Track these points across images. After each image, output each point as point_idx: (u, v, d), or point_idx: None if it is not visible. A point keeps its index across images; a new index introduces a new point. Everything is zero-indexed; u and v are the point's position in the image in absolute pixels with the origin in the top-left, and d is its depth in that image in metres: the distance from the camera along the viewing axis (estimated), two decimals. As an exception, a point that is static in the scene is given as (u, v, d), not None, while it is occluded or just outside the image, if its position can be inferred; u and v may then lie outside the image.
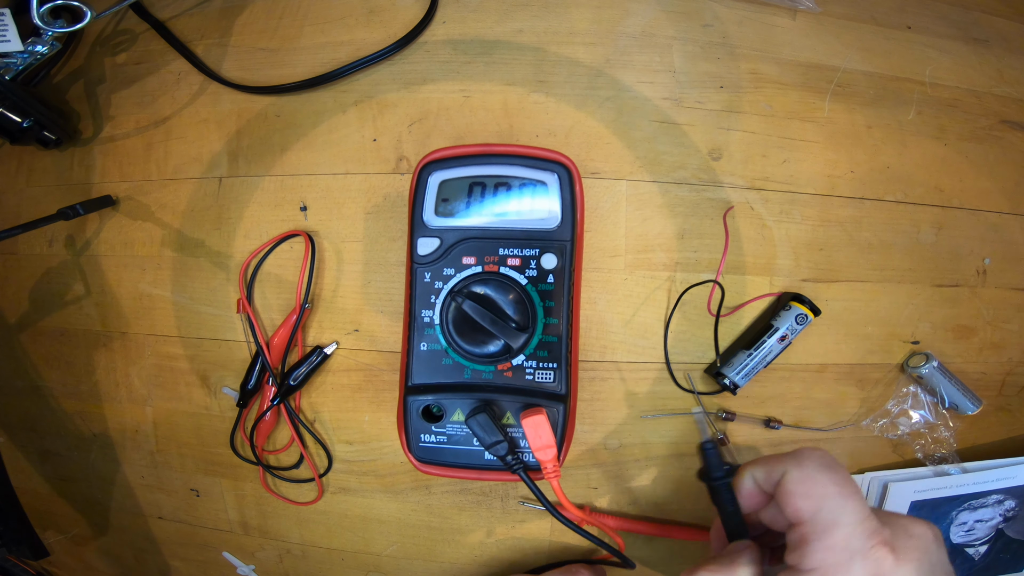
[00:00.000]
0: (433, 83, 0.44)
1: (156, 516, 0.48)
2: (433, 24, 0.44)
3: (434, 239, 0.37)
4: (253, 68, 0.45)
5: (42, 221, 0.42)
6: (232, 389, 0.44)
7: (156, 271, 0.46)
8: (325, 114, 0.44)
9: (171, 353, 0.46)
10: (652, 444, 0.43)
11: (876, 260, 0.44)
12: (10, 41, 0.42)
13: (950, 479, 0.43)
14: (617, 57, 0.43)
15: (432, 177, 0.37)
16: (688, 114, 0.43)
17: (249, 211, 0.45)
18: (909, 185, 0.44)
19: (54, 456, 0.49)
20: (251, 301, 0.44)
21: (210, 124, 0.46)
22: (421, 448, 0.37)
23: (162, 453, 0.46)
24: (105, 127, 0.47)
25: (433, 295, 0.37)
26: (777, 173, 0.43)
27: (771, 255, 0.43)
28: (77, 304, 0.47)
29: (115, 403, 0.47)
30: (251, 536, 0.46)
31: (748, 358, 0.40)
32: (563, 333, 0.36)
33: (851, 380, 0.43)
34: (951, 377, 0.43)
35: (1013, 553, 0.45)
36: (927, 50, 0.46)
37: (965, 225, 0.45)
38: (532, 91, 0.43)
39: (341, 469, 0.44)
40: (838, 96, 0.44)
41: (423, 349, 0.37)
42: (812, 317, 0.41)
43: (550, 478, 0.35)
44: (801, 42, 0.45)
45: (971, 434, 0.45)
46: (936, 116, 0.45)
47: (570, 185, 0.36)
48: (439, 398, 0.36)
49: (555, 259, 0.36)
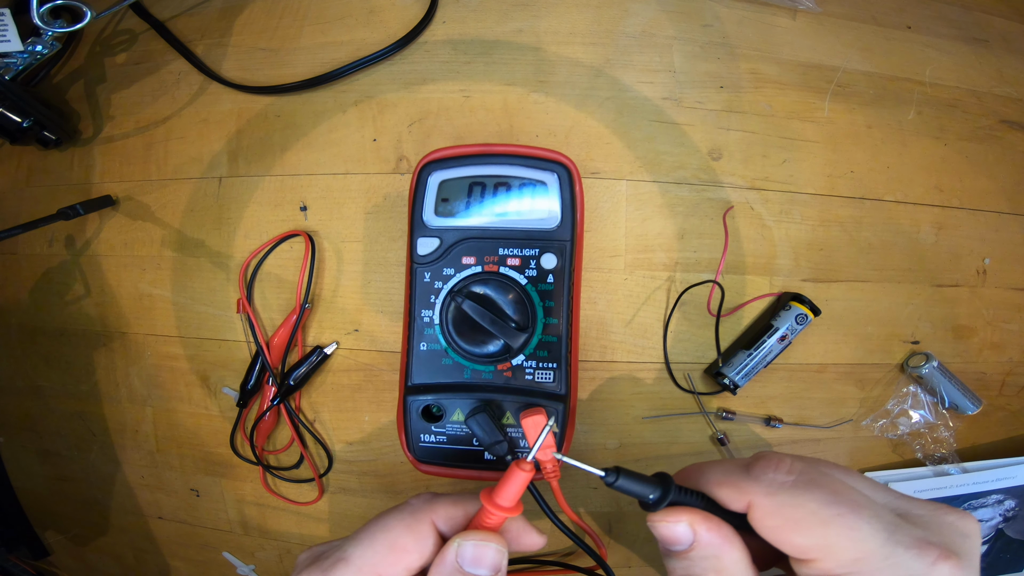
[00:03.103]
0: (433, 83, 0.44)
1: (156, 516, 0.48)
2: (433, 24, 0.44)
3: (434, 239, 0.37)
4: (253, 68, 0.45)
5: (42, 221, 0.42)
6: (232, 389, 0.44)
7: (156, 271, 0.46)
8: (325, 114, 0.44)
9: (171, 353, 0.46)
10: (652, 444, 0.43)
11: (876, 260, 0.44)
12: (10, 41, 0.42)
13: (950, 479, 0.43)
14: (617, 57, 0.43)
15: (432, 177, 0.37)
16: (688, 114, 0.43)
17: (249, 211, 0.45)
18: (909, 185, 0.44)
19: (54, 456, 0.49)
20: (251, 301, 0.44)
21: (210, 124, 0.46)
22: (421, 448, 0.37)
23: (162, 453, 0.46)
24: (105, 127, 0.47)
25: (433, 295, 0.37)
26: (777, 173, 0.43)
27: (771, 255, 0.43)
28: (77, 304, 0.47)
29: (115, 403, 0.47)
30: (251, 536, 0.46)
31: (748, 358, 0.40)
32: (563, 333, 0.36)
33: (851, 380, 0.43)
34: (951, 377, 0.43)
35: (1013, 553, 0.45)
36: (927, 50, 0.46)
37: (965, 225, 0.45)
38: (532, 91, 0.43)
39: (341, 469, 0.44)
40: (838, 96, 0.44)
41: (423, 349, 0.37)
42: (812, 317, 0.41)
43: (550, 478, 0.35)
44: (801, 42, 0.45)
45: (971, 434, 0.45)
46: (936, 116, 0.45)
47: (570, 185, 0.36)
48: (439, 398, 0.36)
49: (555, 259, 0.36)
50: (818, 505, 0.22)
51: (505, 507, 0.25)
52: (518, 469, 0.25)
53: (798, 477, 0.23)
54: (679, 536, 0.24)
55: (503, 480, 0.25)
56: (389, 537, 0.25)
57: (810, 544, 0.22)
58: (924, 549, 0.21)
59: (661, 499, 0.24)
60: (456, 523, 0.26)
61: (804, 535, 0.22)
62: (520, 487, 0.25)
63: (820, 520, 0.22)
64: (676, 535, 0.24)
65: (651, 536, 0.25)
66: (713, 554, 0.23)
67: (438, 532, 0.26)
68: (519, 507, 0.26)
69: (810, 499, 0.22)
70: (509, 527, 0.27)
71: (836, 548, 0.22)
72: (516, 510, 0.26)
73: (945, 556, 0.21)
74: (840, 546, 0.22)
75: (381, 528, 0.25)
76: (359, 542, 0.25)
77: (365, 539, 0.25)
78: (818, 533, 0.22)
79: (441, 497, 0.27)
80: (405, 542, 0.25)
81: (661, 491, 0.24)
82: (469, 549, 0.24)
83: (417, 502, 0.27)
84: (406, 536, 0.25)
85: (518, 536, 0.28)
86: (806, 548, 0.22)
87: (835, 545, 0.22)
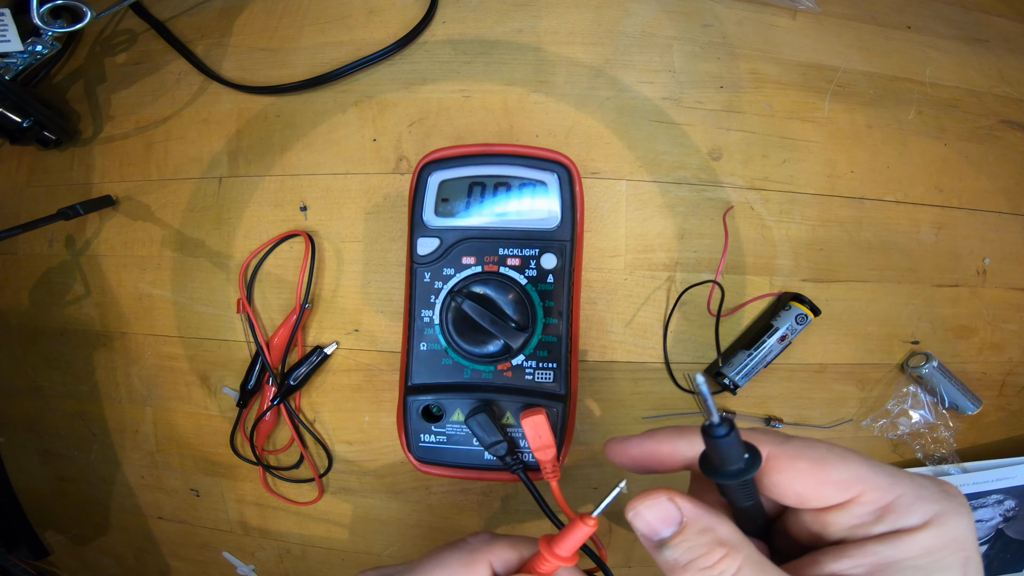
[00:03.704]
0: (433, 83, 0.44)
1: (156, 516, 0.48)
2: (433, 24, 0.44)
3: (434, 239, 0.37)
4: (253, 68, 0.45)
5: (42, 221, 0.42)
6: (232, 389, 0.44)
7: (156, 271, 0.46)
8: (325, 114, 0.44)
9: (171, 353, 0.46)
10: (652, 444, 0.43)
11: (876, 260, 0.44)
12: (10, 41, 0.42)
13: (950, 479, 0.43)
14: (617, 57, 0.43)
15: (432, 177, 0.37)
16: (688, 114, 0.43)
17: (249, 211, 0.45)
18: (909, 185, 0.44)
19: (54, 456, 0.49)
20: (251, 301, 0.44)
21: (210, 124, 0.46)
22: (421, 448, 0.37)
23: (162, 453, 0.46)
24: (105, 127, 0.47)
25: (433, 295, 0.37)
26: (777, 173, 0.43)
27: (771, 255, 0.43)
28: (77, 304, 0.47)
29: (115, 403, 0.47)
30: (251, 536, 0.46)
31: (748, 358, 0.40)
32: (563, 333, 0.36)
33: (851, 380, 0.43)
34: (951, 377, 0.43)
35: (1013, 553, 0.45)
36: (927, 50, 0.46)
37: (965, 225, 0.45)
38: (532, 91, 0.43)
39: (341, 469, 0.44)
40: (838, 96, 0.44)
41: (423, 349, 0.37)
42: (812, 317, 0.41)
43: (549, 478, 0.35)
44: (801, 42, 0.45)
45: (971, 434, 0.45)
46: (936, 116, 0.45)
47: (570, 185, 0.36)
48: (439, 398, 0.36)
49: (555, 259, 0.36)
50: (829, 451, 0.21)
51: (562, 557, 0.26)
52: (581, 523, 0.26)
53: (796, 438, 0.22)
54: (668, 514, 0.21)
55: (565, 531, 0.26)
56: (446, 573, 0.25)
57: (847, 477, 0.20)
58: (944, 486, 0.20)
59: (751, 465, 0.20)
60: (511, 565, 0.27)
61: (839, 470, 0.20)
62: (580, 540, 0.26)
63: (844, 459, 0.21)
64: (665, 514, 0.21)
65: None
66: (707, 526, 0.21)
67: (494, 573, 0.26)
68: (575, 558, 0.27)
69: (822, 447, 0.21)
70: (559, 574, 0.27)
71: (873, 481, 0.20)
72: (572, 560, 0.26)
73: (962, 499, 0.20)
74: (876, 480, 0.20)
75: (438, 564, 0.26)
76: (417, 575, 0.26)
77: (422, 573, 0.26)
78: (852, 468, 0.20)
79: (500, 538, 0.28)
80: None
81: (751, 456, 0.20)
82: None
83: (476, 541, 0.27)
84: (462, 574, 0.25)
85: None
86: (846, 483, 0.20)
87: (870, 479, 0.20)
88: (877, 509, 0.20)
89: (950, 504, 0.20)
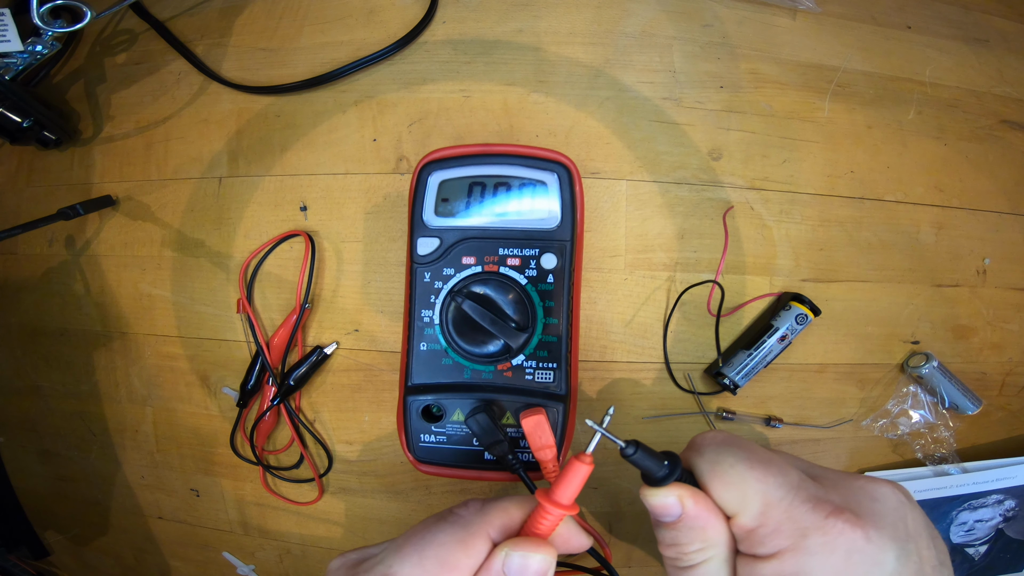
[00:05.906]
0: (433, 83, 0.44)
1: (156, 516, 0.48)
2: (433, 24, 0.44)
3: (434, 239, 0.37)
4: (253, 68, 0.45)
5: (42, 221, 0.42)
6: (232, 389, 0.44)
7: (156, 271, 0.46)
8: (325, 114, 0.44)
9: (171, 353, 0.46)
10: (652, 444, 0.42)
11: (876, 260, 0.44)
12: (10, 41, 0.42)
13: (950, 479, 0.43)
14: (617, 57, 0.43)
15: (432, 177, 0.37)
16: (688, 114, 0.43)
17: (249, 211, 0.45)
18: (909, 185, 0.44)
19: (54, 456, 0.49)
20: (251, 301, 0.44)
21: (210, 124, 0.46)
22: (421, 448, 0.37)
23: (162, 453, 0.46)
24: (105, 127, 0.47)
25: (433, 295, 0.37)
26: (777, 173, 0.43)
27: (771, 255, 0.43)
28: (77, 304, 0.47)
29: (115, 403, 0.47)
30: (251, 536, 0.46)
31: (748, 358, 0.40)
32: (563, 333, 0.36)
33: (851, 380, 0.43)
34: (951, 377, 0.43)
35: (1013, 553, 0.45)
36: (927, 50, 0.46)
37: (965, 225, 0.45)
38: (532, 91, 0.43)
39: (341, 469, 0.44)
40: (838, 96, 0.44)
41: (423, 349, 0.37)
42: (812, 317, 0.41)
43: (549, 478, 0.35)
44: (801, 42, 0.45)
45: (971, 434, 0.45)
46: (936, 116, 0.45)
47: (570, 185, 0.36)
48: (439, 398, 0.36)
49: (555, 259, 0.36)
50: (736, 459, 0.25)
51: (564, 505, 0.25)
52: (579, 462, 0.25)
53: (723, 439, 0.26)
54: (669, 508, 0.25)
55: (562, 475, 0.25)
56: (440, 553, 0.24)
57: (731, 498, 0.24)
58: (819, 504, 0.23)
59: (668, 475, 0.25)
60: (510, 530, 0.26)
61: (728, 490, 0.24)
62: (581, 482, 0.25)
63: (738, 474, 0.24)
64: (667, 507, 0.25)
65: (651, 536, 0.26)
66: (699, 526, 0.25)
67: (492, 544, 0.25)
68: (576, 505, 0.25)
69: (730, 454, 0.25)
70: (559, 530, 0.26)
71: (748, 501, 0.24)
72: (573, 508, 0.25)
73: (838, 512, 0.23)
74: (751, 499, 0.24)
75: (430, 543, 0.24)
76: (405, 557, 0.24)
77: (412, 554, 0.24)
78: (737, 488, 0.24)
79: (492, 505, 0.26)
80: (457, 559, 0.24)
81: (669, 468, 0.25)
82: (516, 559, 0.24)
83: (467, 513, 0.26)
84: (459, 552, 0.24)
85: (567, 540, 0.27)
86: (729, 503, 0.24)
87: (748, 498, 0.24)
88: (744, 531, 0.24)
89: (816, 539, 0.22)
